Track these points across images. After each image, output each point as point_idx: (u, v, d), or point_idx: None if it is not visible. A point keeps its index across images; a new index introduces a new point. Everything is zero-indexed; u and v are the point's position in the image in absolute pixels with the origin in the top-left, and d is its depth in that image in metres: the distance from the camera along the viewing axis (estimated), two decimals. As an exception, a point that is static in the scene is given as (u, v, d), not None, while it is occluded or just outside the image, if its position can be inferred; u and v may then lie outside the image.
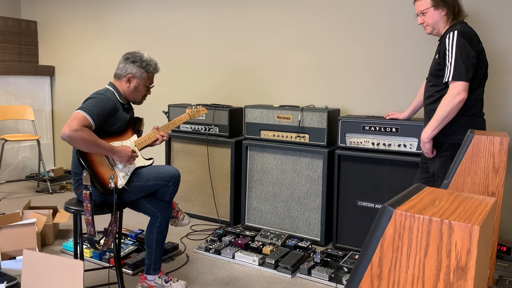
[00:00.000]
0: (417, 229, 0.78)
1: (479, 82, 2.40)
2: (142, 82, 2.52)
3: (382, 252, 0.82)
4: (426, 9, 2.48)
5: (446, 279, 0.76)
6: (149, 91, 2.60)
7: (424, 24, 2.53)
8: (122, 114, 2.45)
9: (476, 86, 2.38)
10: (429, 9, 2.47)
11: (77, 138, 2.17)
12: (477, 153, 1.90)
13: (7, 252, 2.83)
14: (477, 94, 2.40)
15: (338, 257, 2.92)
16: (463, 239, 0.74)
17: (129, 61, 2.49)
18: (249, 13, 4.03)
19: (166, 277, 2.60)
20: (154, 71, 2.57)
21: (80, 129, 2.17)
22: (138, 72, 2.49)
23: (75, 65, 5.28)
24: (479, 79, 2.38)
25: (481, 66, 2.38)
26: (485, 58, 2.41)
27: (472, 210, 0.82)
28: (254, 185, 3.57)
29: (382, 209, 0.82)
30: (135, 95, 2.54)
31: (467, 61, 2.28)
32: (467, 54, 2.29)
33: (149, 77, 2.55)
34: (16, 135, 4.80)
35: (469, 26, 2.45)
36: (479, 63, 2.35)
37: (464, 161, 1.92)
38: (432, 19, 2.48)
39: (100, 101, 2.32)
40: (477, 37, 2.39)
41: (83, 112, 2.22)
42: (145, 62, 2.51)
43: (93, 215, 2.27)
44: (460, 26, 2.40)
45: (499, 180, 1.85)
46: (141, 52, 2.55)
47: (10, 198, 4.46)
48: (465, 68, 2.27)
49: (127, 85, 2.49)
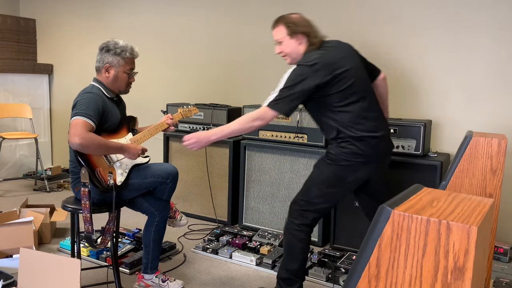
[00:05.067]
0: (415, 229, 0.78)
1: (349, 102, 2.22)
2: (121, 69, 2.43)
3: (380, 252, 0.82)
4: (282, 38, 2.33)
5: (443, 280, 0.76)
6: (132, 78, 2.50)
7: (282, 53, 2.36)
8: (112, 109, 2.42)
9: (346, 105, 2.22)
10: (284, 38, 2.33)
11: (89, 144, 2.16)
12: (475, 154, 1.90)
13: (3, 250, 2.82)
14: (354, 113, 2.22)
15: (335, 258, 2.93)
16: (461, 240, 0.74)
17: (103, 51, 2.44)
18: (249, 13, 4.03)
19: (163, 277, 2.59)
20: (131, 55, 2.46)
21: (87, 134, 2.16)
22: (115, 60, 2.42)
23: (74, 63, 5.27)
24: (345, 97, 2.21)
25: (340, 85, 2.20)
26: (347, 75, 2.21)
27: (470, 211, 0.82)
28: (252, 185, 3.56)
29: (380, 209, 0.82)
30: (117, 85, 2.46)
31: (287, 93, 2.16)
32: (292, 86, 2.16)
33: (127, 62, 2.44)
34: (14, 133, 4.79)
35: (319, 53, 2.24)
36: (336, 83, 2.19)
37: (462, 162, 1.92)
38: (288, 49, 2.33)
39: (91, 100, 2.29)
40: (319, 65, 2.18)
41: (82, 118, 2.19)
42: (120, 48, 2.42)
43: (92, 213, 2.26)
44: (303, 58, 2.26)
45: (497, 182, 1.86)
46: (115, 40, 2.46)
47: (7, 196, 4.45)
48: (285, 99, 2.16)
49: (106, 75, 2.43)
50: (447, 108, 3.28)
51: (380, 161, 2.32)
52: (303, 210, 2.31)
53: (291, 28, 2.31)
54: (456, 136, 3.22)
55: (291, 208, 2.36)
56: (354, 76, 2.24)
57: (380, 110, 2.38)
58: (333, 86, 2.20)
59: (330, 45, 2.33)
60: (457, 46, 3.20)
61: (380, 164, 2.32)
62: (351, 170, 2.24)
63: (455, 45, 3.20)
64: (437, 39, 3.25)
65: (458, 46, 3.20)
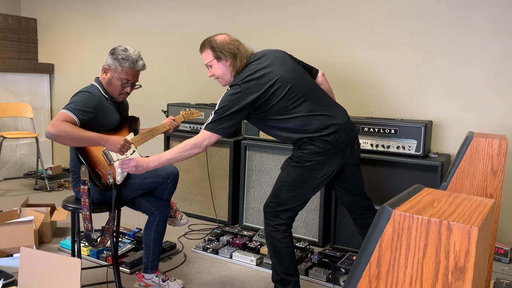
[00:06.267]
0: (416, 229, 0.78)
1: (294, 106, 2.24)
2: (116, 76, 2.38)
3: (381, 252, 0.82)
4: (211, 61, 2.35)
5: (444, 280, 0.76)
6: (127, 88, 2.41)
7: (214, 76, 2.38)
8: (110, 109, 2.40)
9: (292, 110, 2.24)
10: (212, 62, 2.35)
11: (60, 134, 2.14)
12: (476, 155, 1.90)
13: (4, 249, 2.83)
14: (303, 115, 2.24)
15: (335, 258, 2.93)
16: (462, 240, 0.74)
17: (110, 52, 2.43)
18: (249, 13, 4.03)
19: (163, 276, 2.60)
20: (131, 67, 2.37)
21: (61, 124, 2.15)
22: (114, 65, 2.38)
23: (75, 63, 5.28)
24: (288, 103, 2.23)
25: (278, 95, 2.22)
26: (283, 84, 2.22)
27: (471, 212, 0.82)
28: (253, 185, 3.56)
29: (381, 209, 0.82)
30: (110, 89, 2.42)
31: (224, 114, 2.20)
32: (226, 108, 2.20)
33: (124, 71, 2.37)
34: (15, 133, 4.80)
35: (246, 72, 2.26)
36: (273, 93, 2.22)
37: (462, 163, 1.92)
38: (219, 71, 2.34)
39: (83, 98, 2.30)
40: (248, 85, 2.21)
41: (65, 110, 2.23)
42: (122, 55, 2.36)
43: (91, 211, 2.26)
44: (234, 80, 2.28)
45: (498, 183, 1.86)
46: (126, 47, 2.42)
47: (8, 196, 4.45)
48: (222, 120, 2.21)
49: (103, 76, 2.42)
50: (448, 109, 3.28)
51: (344, 150, 2.30)
52: (276, 211, 2.34)
53: (217, 52, 2.34)
54: (457, 136, 3.22)
55: (264, 211, 2.39)
56: (291, 81, 2.26)
57: (332, 100, 2.40)
58: (272, 97, 2.22)
59: (259, 59, 2.34)
60: (458, 47, 3.20)
61: (344, 152, 2.30)
62: (316, 169, 2.26)
63: (456, 45, 3.20)
64: (437, 39, 3.25)
65: (459, 46, 3.20)
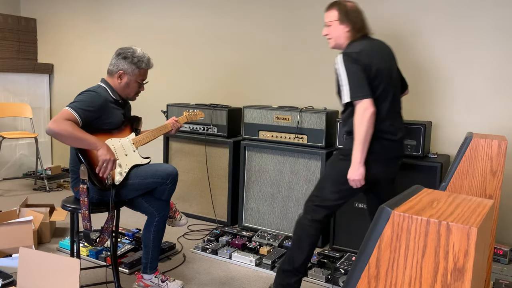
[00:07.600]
0: (415, 230, 0.78)
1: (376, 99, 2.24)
2: (134, 79, 2.47)
3: (380, 253, 0.82)
4: (332, 21, 2.38)
5: (443, 281, 0.76)
6: (142, 87, 2.54)
7: (328, 36, 2.41)
8: (114, 110, 2.42)
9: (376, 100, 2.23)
10: (334, 22, 2.37)
11: (61, 132, 2.15)
12: (475, 155, 1.90)
13: (3, 249, 2.82)
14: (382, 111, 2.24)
15: (335, 259, 2.92)
16: (461, 241, 0.74)
17: (120, 56, 2.45)
18: (249, 13, 4.03)
19: (162, 277, 2.59)
20: (146, 67, 2.50)
21: (63, 122, 2.17)
22: (130, 69, 2.45)
23: (74, 63, 5.27)
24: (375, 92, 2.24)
25: (373, 81, 2.24)
26: (380, 74, 2.26)
27: (470, 212, 0.82)
28: (252, 186, 3.56)
29: (380, 209, 0.82)
30: (127, 92, 2.50)
31: (355, 79, 2.19)
32: (353, 72, 2.20)
33: (141, 73, 2.49)
34: (14, 133, 4.79)
35: (363, 43, 2.31)
36: (371, 78, 2.23)
37: (462, 164, 1.92)
38: (335, 33, 2.38)
39: (88, 97, 2.32)
40: (363, 54, 2.24)
41: (68, 108, 2.24)
42: (137, 58, 2.45)
43: (90, 210, 2.26)
44: (347, 48, 2.31)
45: (497, 183, 1.86)
46: (134, 48, 2.49)
47: (7, 196, 4.45)
48: (359, 85, 2.18)
49: (118, 81, 2.46)
50: (447, 109, 3.28)
51: (389, 163, 2.34)
52: (316, 205, 2.37)
53: (343, 14, 2.36)
54: (456, 137, 3.22)
55: (305, 205, 2.42)
56: (388, 76, 2.31)
57: (401, 113, 2.44)
58: (372, 80, 2.24)
59: (373, 42, 2.39)
60: (457, 47, 3.20)
61: (388, 166, 2.34)
62: None
63: (456, 46, 3.20)
64: (438, 40, 3.25)
65: (458, 47, 3.20)
